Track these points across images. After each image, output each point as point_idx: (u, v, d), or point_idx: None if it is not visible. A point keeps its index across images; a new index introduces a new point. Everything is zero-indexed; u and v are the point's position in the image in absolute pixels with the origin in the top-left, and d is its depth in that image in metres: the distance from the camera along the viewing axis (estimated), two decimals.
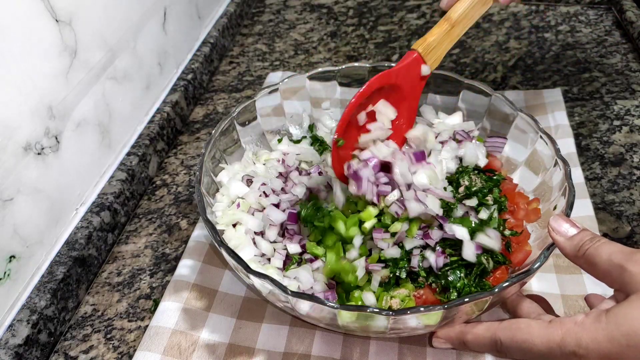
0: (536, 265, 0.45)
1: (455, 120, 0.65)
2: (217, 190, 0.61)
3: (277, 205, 0.57)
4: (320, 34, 1.07)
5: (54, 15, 0.58)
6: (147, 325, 0.58)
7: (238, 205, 0.58)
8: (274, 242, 0.56)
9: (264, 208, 0.58)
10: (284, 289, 0.45)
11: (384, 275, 0.51)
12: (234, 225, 0.57)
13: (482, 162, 0.58)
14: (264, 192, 0.59)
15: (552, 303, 0.55)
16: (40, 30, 0.57)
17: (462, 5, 0.52)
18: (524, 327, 0.40)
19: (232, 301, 0.59)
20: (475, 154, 0.58)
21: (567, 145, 0.72)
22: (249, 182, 0.61)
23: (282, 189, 0.61)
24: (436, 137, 0.62)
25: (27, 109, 0.56)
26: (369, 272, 0.51)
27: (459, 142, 0.61)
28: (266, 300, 0.57)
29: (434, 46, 0.53)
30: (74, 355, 0.56)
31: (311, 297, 0.44)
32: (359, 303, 0.50)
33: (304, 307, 0.46)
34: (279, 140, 0.69)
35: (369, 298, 0.50)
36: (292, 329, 0.56)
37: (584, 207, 0.64)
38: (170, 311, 0.57)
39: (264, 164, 0.65)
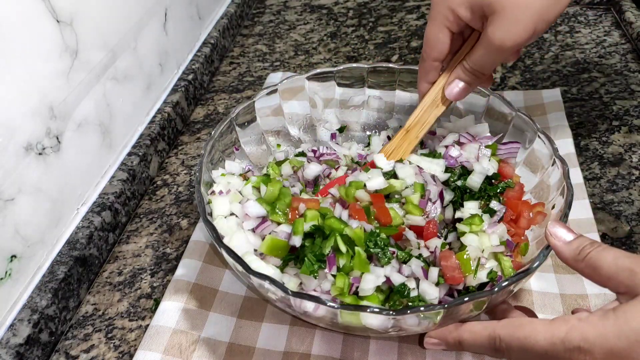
0: (535, 265, 0.45)
1: (467, 122, 0.65)
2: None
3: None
4: (320, 35, 1.07)
5: (55, 16, 0.59)
6: (147, 325, 0.58)
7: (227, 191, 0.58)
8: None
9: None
10: (284, 289, 0.45)
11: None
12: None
13: (492, 171, 0.58)
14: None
15: (551, 302, 0.56)
16: (42, 31, 0.57)
17: (414, 114, 0.61)
18: (525, 324, 0.39)
19: (232, 300, 0.59)
20: (478, 181, 0.57)
21: (566, 146, 0.72)
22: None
23: None
24: (440, 142, 0.62)
25: (28, 109, 0.56)
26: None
27: (461, 144, 0.61)
28: (266, 300, 0.57)
29: (393, 149, 0.62)
30: (74, 355, 0.57)
31: (311, 297, 0.45)
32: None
33: (304, 306, 0.46)
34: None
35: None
36: (292, 329, 0.56)
37: (582, 207, 0.65)
38: (170, 311, 0.57)
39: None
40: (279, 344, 0.55)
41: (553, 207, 0.53)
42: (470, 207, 0.55)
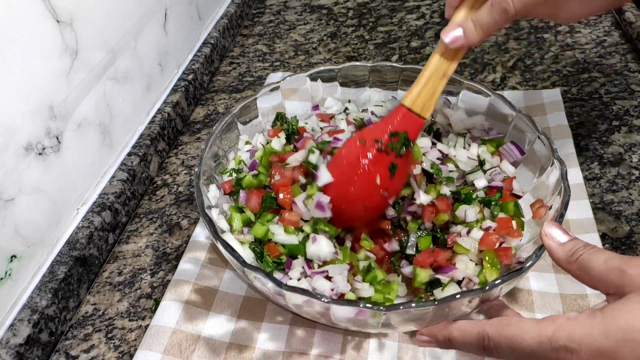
0: (528, 264, 0.45)
1: (462, 116, 0.65)
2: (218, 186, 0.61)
3: None
4: (320, 35, 1.07)
5: (55, 16, 0.59)
6: (147, 325, 0.58)
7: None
8: None
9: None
10: (278, 283, 0.45)
11: None
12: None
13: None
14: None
15: (550, 302, 0.56)
16: (42, 31, 0.57)
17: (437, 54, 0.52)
18: (513, 323, 0.39)
19: (232, 300, 0.59)
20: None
21: (566, 146, 0.72)
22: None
23: None
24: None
25: (28, 109, 0.56)
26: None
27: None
28: (264, 296, 0.57)
29: (419, 94, 0.52)
30: (75, 355, 0.57)
31: (305, 292, 0.45)
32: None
33: (295, 300, 0.46)
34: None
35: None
36: (292, 328, 0.56)
37: (582, 207, 0.65)
38: (171, 310, 0.57)
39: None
40: (279, 344, 0.55)
41: (550, 208, 0.53)
42: (470, 215, 0.55)
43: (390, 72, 0.70)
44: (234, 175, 0.62)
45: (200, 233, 0.66)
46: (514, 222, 0.55)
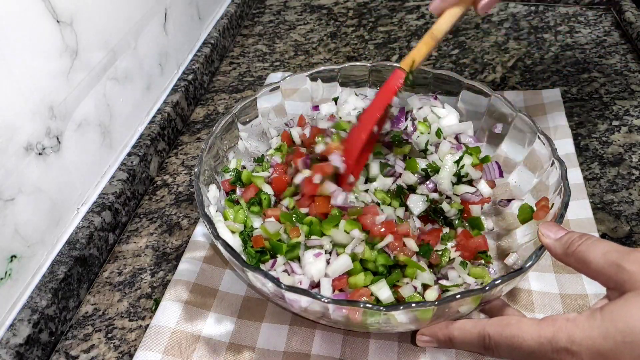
0: (528, 264, 0.45)
1: (452, 121, 0.65)
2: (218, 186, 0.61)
3: None
4: (320, 35, 1.07)
5: (55, 16, 0.59)
6: (147, 325, 0.58)
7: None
8: None
9: None
10: (277, 283, 0.45)
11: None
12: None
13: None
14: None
15: (550, 302, 0.56)
16: (42, 31, 0.57)
17: (446, 23, 0.55)
18: (514, 323, 0.40)
19: (232, 300, 0.59)
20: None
21: (566, 146, 0.72)
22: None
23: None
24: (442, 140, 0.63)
25: (28, 110, 0.56)
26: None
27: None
28: (263, 295, 0.57)
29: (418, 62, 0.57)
30: (74, 355, 0.57)
31: (304, 292, 0.45)
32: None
33: (295, 299, 0.46)
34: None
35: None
36: (292, 328, 0.56)
37: (582, 207, 0.65)
38: (171, 310, 0.57)
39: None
40: (279, 344, 0.55)
41: (551, 207, 0.53)
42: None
43: (390, 72, 0.70)
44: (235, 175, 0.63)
45: (200, 233, 0.66)
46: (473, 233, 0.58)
